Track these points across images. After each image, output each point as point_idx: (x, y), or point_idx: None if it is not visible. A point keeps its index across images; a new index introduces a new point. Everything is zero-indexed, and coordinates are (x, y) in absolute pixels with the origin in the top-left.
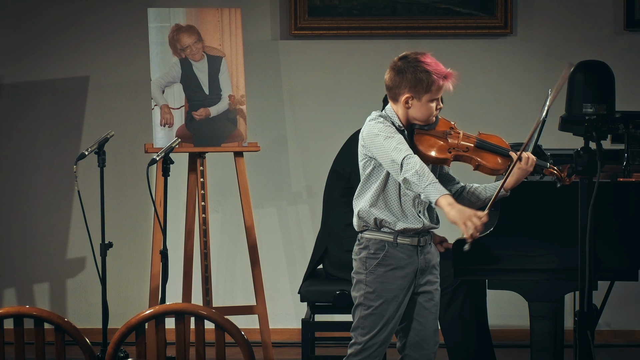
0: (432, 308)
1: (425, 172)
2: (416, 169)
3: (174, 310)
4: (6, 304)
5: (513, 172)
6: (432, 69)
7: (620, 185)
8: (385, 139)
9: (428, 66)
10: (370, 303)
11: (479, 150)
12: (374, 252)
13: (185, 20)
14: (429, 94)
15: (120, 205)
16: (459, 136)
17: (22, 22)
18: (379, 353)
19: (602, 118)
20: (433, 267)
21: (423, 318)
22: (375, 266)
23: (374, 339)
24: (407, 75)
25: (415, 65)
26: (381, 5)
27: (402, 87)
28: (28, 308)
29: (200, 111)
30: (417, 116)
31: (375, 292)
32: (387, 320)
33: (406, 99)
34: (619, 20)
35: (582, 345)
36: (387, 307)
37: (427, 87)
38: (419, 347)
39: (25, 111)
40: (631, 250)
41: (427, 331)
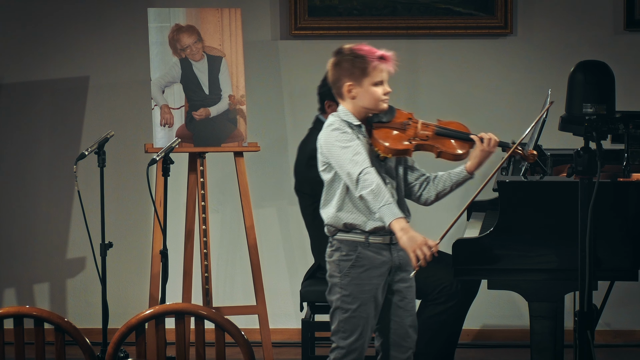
0: (407, 306)
1: (381, 192)
2: (372, 187)
3: (174, 310)
4: (6, 304)
5: (476, 155)
6: (365, 52)
7: (620, 185)
8: (341, 148)
9: (361, 51)
10: (348, 306)
11: (439, 137)
12: (346, 254)
13: (185, 20)
14: (368, 78)
15: (120, 205)
16: (418, 125)
17: (22, 23)
18: (363, 353)
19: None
20: (408, 264)
21: (399, 317)
22: (349, 268)
23: (357, 341)
24: (343, 65)
25: (349, 54)
26: (381, 5)
27: (342, 78)
28: (28, 308)
29: (200, 111)
30: (365, 104)
31: (351, 295)
32: (367, 321)
33: (348, 88)
34: (619, 20)
35: (582, 345)
36: (365, 308)
37: (364, 70)
38: (401, 346)
39: (25, 111)
40: (631, 250)
41: (405, 329)
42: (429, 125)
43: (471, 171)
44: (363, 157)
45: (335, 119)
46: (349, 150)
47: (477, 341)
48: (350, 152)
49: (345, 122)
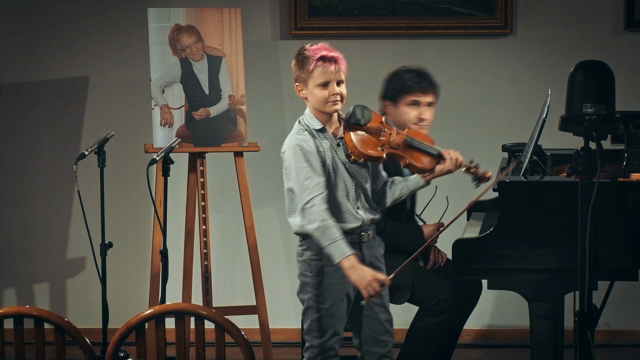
0: (382, 302)
1: (327, 229)
2: (316, 226)
3: (174, 310)
4: (6, 304)
5: (439, 170)
6: (309, 53)
7: (621, 185)
8: (296, 168)
9: (307, 51)
10: (320, 305)
11: (409, 148)
12: (316, 254)
13: (185, 20)
14: (312, 79)
15: (120, 205)
16: (392, 133)
17: (22, 22)
18: (337, 351)
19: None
20: (378, 260)
21: (374, 313)
22: (320, 268)
23: (330, 340)
24: (293, 66)
25: (298, 55)
26: (381, 5)
27: (295, 79)
28: (28, 308)
29: (200, 111)
30: (314, 105)
31: (323, 294)
32: (339, 320)
33: (298, 89)
34: (619, 20)
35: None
36: (337, 307)
37: (307, 72)
38: (379, 340)
39: (25, 111)
40: (631, 250)
41: (382, 324)
42: (400, 134)
43: (428, 181)
44: (314, 183)
45: (299, 126)
46: (302, 172)
47: (477, 341)
48: (303, 175)
49: (307, 127)
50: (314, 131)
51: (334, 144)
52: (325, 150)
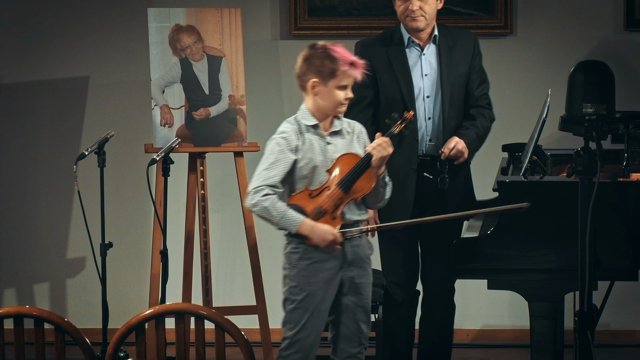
0: (361, 302)
1: (274, 204)
2: (265, 205)
3: (174, 310)
4: (6, 304)
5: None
6: (338, 55)
7: (621, 185)
8: (267, 154)
9: (334, 53)
10: (294, 297)
11: (348, 190)
12: (295, 247)
13: (185, 20)
14: (335, 80)
15: (120, 205)
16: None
17: (22, 23)
18: (309, 347)
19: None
20: (362, 260)
21: (352, 312)
22: (297, 260)
23: (300, 332)
24: (314, 61)
25: (322, 52)
26: (381, 5)
27: (309, 73)
28: (28, 308)
29: (200, 111)
30: (326, 105)
31: (298, 286)
32: (312, 314)
33: (313, 84)
34: (619, 20)
35: (582, 345)
36: (311, 300)
37: (333, 72)
38: (352, 340)
39: (25, 111)
40: (631, 250)
41: (357, 324)
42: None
43: (380, 175)
44: (271, 174)
45: (288, 125)
46: (267, 161)
47: (477, 341)
48: (266, 162)
49: (298, 124)
50: (304, 127)
51: (324, 141)
52: (313, 145)
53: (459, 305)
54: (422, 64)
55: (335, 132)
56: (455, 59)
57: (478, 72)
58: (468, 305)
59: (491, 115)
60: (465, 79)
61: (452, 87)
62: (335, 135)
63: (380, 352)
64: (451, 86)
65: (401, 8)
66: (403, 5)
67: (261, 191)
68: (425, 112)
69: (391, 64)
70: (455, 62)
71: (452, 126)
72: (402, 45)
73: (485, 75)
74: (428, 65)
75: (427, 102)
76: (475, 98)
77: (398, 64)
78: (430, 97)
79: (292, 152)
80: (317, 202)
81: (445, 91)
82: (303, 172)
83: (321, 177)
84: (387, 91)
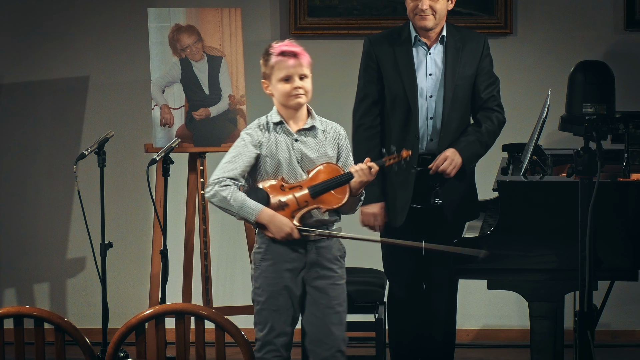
0: (330, 303)
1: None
2: (224, 195)
3: (174, 310)
4: (6, 304)
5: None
6: (271, 49)
7: (620, 185)
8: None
9: (270, 47)
10: (258, 298)
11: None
12: (259, 247)
13: (185, 20)
14: (274, 74)
15: (120, 205)
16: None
17: (22, 23)
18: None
19: (602, 118)
20: (328, 261)
21: (320, 313)
22: (260, 261)
23: (270, 333)
24: (261, 64)
25: (263, 53)
26: (381, 5)
27: (262, 77)
28: (28, 308)
29: (200, 111)
30: (279, 100)
31: (260, 287)
32: (277, 315)
33: (264, 85)
34: (619, 20)
35: (582, 345)
36: (274, 301)
37: (270, 67)
38: (323, 343)
39: (25, 111)
40: (631, 250)
41: (327, 327)
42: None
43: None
44: (232, 167)
45: (255, 122)
46: (229, 154)
47: (477, 341)
48: (229, 156)
49: (266, 121)
50: (271, 124)
51: (291, 138)
52: (278, 142)
53: (459, 305)
54: (427, 63)
55: (306, 130)
56: (462, 60)
57: (486, 74)
58: (468, 305)
59: (500, 119)
60: (470, 81)
61: (456, 88)
62: (306, 133)
63: (381, 352)
64: (455, 87)
65: (411, 5)
66: (413, 3)
67: (220, 182)
68: (427, 111)
69: (397, 61)
70: (462, 63)
71: (453, 127)
72: (409, 43)
73: (495, 78)
74: (433, 65)
75: (430, 101)
76: (483, 100)
77: (403, 62)
78: (433, 96)
79: (255, 147)
80: (284, 195)
81: (447, 91)
82: (267, 167)
83: (297, 173)
84: (391, 88)
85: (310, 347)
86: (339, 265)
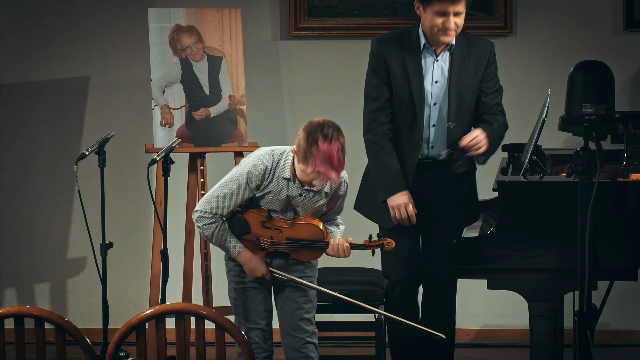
0: (300, 299)
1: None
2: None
3: (174, 310)
4: (7, 304)
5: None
6: (317, 155)
7: (620, 185)
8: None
9: (316, 151)
10: (231, 295)
11: (292, 250)
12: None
13: (186, 20)
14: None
15: (120, 205)
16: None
17: (23, 23)
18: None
19: (602, 118)
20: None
21: (290, 308)
22: (229, 259)
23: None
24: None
25: (311, 140)
26: (381, 5)
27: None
28: (28, 308)
29: (200, 111)
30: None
31: (231, 284)
32: (249, 310)
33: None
34: (619, 20)
35: (582, 345)
36: (242, 297)
37: (306, 158)
38: (293, 336)
39: (26, 111)
40: (631, 250)
41: (296, 322)
42: (279, 237)
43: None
44: (223, 205)
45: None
46: (225, 187)
47: (477, 341)
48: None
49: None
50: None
51: (297, 192)
52: (279, 189)
53: (459, 305)
54: (434, 70)
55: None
56: (467, 68)
57: (491, 80)
58: (468, 305)
59: (505, 122)
60: (475, 88)
61: (461, 96)
62: (310, 189)
63: (381, 352)
64: (459, 95)
65: (436, 21)
66: (439, 19)
67: (207, 219)
68: (430, 119)
69: (405, 66)
70: (467, 70)
71: (458, 135)
72: (418, 49)
73: (500, 86)
74: (440, 72)
75: (433, 109)
76: (488, 106)
77: (412, 68)
78: (437, 104)
79: (251, 190)
80: (262, 231)
81: (452, 99)
82: (259, 203)
83: (286, 214)
84: (399, 92)
85: (283, 340)
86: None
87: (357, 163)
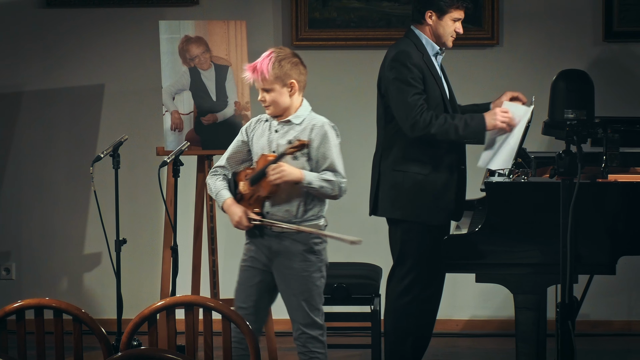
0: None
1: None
2: (207, 182)
3: (184, 302)
4: (27, 297)
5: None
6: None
7: (599, 186)
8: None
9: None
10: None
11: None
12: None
13: (194, 32)
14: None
15: (133, 204)
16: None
17: (43, 35)
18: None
19: (583, 123)
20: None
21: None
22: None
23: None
24: None
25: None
26: (376, 17)
27: None
28: (48, 300)
29: (208, 117)
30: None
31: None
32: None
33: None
34: (598, 32)
35: (564, 335)
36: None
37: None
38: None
39: (45, 116)
40: (609, 246)
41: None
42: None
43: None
44: (224, 156)
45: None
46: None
47: (466, 331)
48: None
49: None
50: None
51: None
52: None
53: (449, 297)
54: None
55: (286, 122)
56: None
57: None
58: (457, 297)
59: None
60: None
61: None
62: (285, 125)
63: (376, 342)
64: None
65: (452, 28)
66: (455, 25)
67: (211, 171)
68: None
69: (430, 70)
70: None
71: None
72: (428, 55)
73: None
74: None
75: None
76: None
77: (435, 71)
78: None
79: (242, 135)
80: (243, 183)
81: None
82: (254, 156)
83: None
84: (432, 96)
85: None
86: (302, 258)
87: (357, 166)
